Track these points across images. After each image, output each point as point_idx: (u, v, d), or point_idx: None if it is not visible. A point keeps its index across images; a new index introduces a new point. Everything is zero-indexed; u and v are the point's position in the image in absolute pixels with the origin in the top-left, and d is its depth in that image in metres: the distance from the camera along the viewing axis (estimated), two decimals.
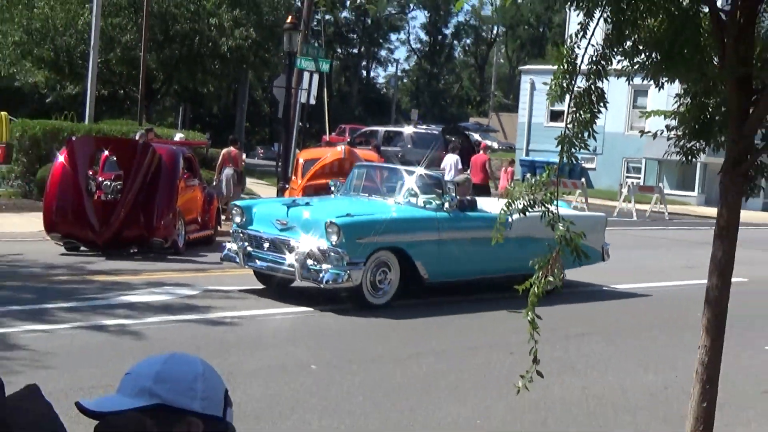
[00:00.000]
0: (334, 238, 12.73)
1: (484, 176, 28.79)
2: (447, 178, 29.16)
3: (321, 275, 12.80)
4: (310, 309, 12.93)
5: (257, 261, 13.78)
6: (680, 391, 9.34)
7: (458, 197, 14.56)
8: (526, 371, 5.39)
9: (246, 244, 13.86)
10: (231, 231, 14.53)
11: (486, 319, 13.26)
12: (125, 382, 2.46)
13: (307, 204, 14.14)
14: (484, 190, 26.36)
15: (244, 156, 26.67)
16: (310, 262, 12.94)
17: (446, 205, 14.19)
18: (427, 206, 14.27)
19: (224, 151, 24.53)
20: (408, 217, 13.98)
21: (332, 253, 12.79)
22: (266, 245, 13.69)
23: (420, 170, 15.23)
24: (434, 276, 13.98)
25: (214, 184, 23.22)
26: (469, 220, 14.41)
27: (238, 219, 14.10)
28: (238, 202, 14.85)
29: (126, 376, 2.47)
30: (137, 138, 20.14)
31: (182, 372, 2.45)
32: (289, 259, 13.10)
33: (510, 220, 14.67)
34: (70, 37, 40.38)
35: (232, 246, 14.09)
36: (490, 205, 15.19)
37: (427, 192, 14.58)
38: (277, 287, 13.98)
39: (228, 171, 23.63)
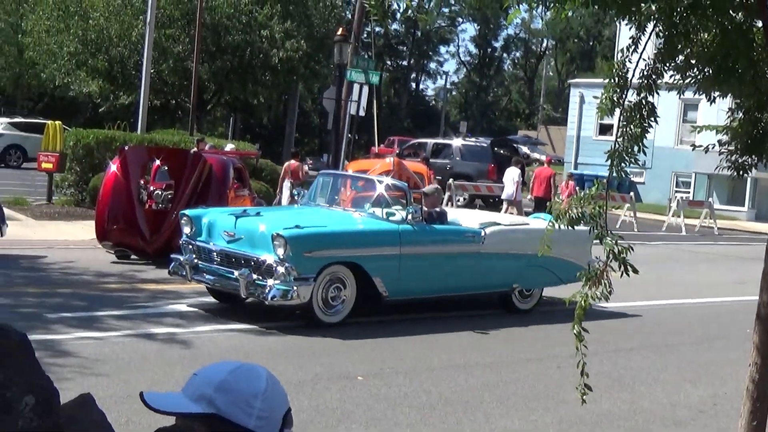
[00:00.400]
0: (280, 251, 11.82)
1: (547, 190, 28.74)
2: (508, 191, 29.31)
3: (266, 291, 11.89)
4: (364, 319, 12.93)
5: (205, 275, 12.84)
6: (729, 407, 9.26)
7: (426, 209, 13.70)
8: (578, 385, 5.38)
9: (194, 256, 12.96)
10: (180, 242, 13.52)
11: (534, 331, 13.21)
12: (191, 382, 2.48)
13: (258, 214, 13.19)
14: (544, 203, 26.27)
15: (306, 168, 26.77)
16: (255, 276, 12.04)
17: (409, 217, 13.05)
18: (390, 218, 13.25)
19: (285, 164, 24.90)
20: (365, 230, 13.04)
21: (279, 268, 11.87)
22: (214, 258, 12.75)
23: (387, 180, 14.40)
24: (395, 293, 12.92)
25: (276, 197, 23.56)
26: (435, 234, 13.52)
27: (187, 229, 13.22)
28: (187, 211, 13.77)
29: (193, 376, 2.50)
30: (227, 149, 20.61)
31: (245, 386, 2.45)
32: (236, 273, 12.15)
33: (483, 233, 13.64)
34: (124, 47, 40.84)
35: (180, 258, 13.16)
36: (465, 218, 14.77)
37: (392, 203, 13.57)
38: (233, 303, 13.26)
39: (287, 184, 23.88)
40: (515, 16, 5.42)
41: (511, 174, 29.42)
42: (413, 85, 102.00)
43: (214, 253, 12.73)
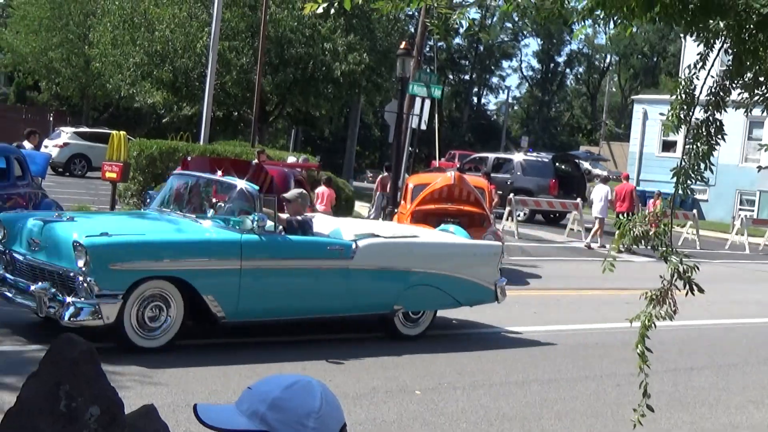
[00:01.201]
0: (81, 262, 10.03)
1: (630, 205, 28.62)
2: (598, 208, 29.17)
3: (64, 309, 10.08)
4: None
5: (6, 289, 11.01)
6: None
7: (288, 217, 12.15)
8: (638, 405, 5.32)
9: (2, 266, 11.30)
10: None
11: (594, 349, 13.10)
12: (244, 396, 2.47)
13: (70, 219, 11.17)
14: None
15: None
16: (54, 291, 10.27)
17: (255, 225, 11.03)
18: (235, 227, 11.24)
19: (379, 177, 25.38)
20: (193, 240, 10.99)
21: (79, 282, 10.11)
22: (18, 269, 11.05)
23: (240, 183, 12.02)
24: (234, 314, 10.95)
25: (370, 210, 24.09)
26: (291, 246, 11.50)
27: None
28: (1, 215, 11.97)
29: (246, 390, 2.49)
30: (314, 165, 21.24)
31: (298, 404, 2.42)
32: (32, 287, 10.38)
33: (354, 247, 11.91)
34: (188, 59, 41.26)
35: None
36: (347, 228, 12.96)
37: (241, 209, 11.62)
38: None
39: (378, 196, 24.47)
40: (581, 32, 5.40)
41: (601, 192, 29.43)
42: (475, 99, 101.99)
43: (18, 264, 11.02)
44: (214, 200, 12.34)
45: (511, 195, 31.17)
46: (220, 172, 18.14)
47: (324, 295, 11.76)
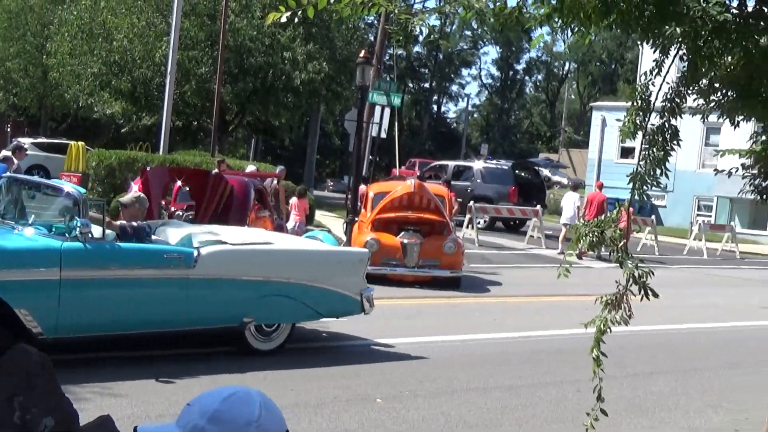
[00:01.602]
0: None
1: (598, 213, 28.78)
2: (567, 215, 29.33)
3: None
4: (377, 341, 12.91)
5: None
6: None
7: (124, 223, 11.33)
8: (592, 409, 5.35)
9: None
10: None
11: (557, 355, 13.15)
12: (184, 413, 2.44)
13: None
14: None
15: None
16: None
17: (77, 232, 10.02)
18: (58, 234, 10.24)
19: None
20: (3, 249, 9.70)
21: None
22: None
23: (66, 187, 11.08)
24: (53, 330, 9.86)
25: None
26: (121, 255, 10.46)
27: None
28: None
29: (186, 407, 2.45)
30: (278, 172, 21.19)
31: (237, 414, 2.39)
32: None
33: (195, 255, 10.89)
34: (147, 69, 41.08)
35: None
36: (195, 235, 11.63)
37: (65, 215, 10.46)
38: None
39: None
40: (539, 40, 5.42)
41: (571, 198, 29.67)
42: (435, 107, 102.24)
43: None
44: (37, 205, 11.27)
45: (471, 202, 31.26)
46: (179, 182, 18.15)
47: (161, 308, 10.79)
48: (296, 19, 5.56)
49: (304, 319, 12.23)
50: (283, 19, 5.52)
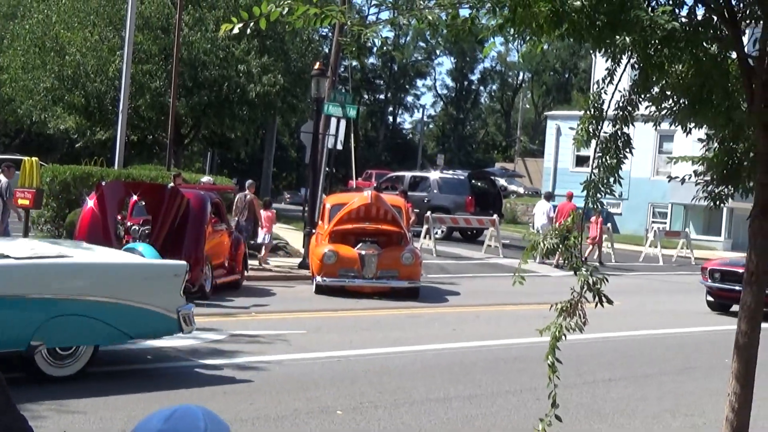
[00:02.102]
0: None
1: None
2: (538, 224, 29.46)
3: None
4: (337, 353, 12.91)
5: None
6: None
7: None
8: (545, 415, 5.38)
9: None
10: None
11: (517, 363, 13.19)
12: None
13: None
14: None
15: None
16: None
17: None
18: None
19: None
20: None
21: None
22: None
23: None
24: None
25: None
26: None
27: None
28: None
29: None
30: (203, 181, 21.18)
31: (183, 431, 2.38)
32: None
33: None
34: (100, 83, 40.78)
35: None
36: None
37: None
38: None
39: None
40: (491, 49, 5.46)
41: (543, 207, 29.90)
42: (390, 118, 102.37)
43: None
44: None
45: (429, 213, 31.32)
46: (135, 197, 18.07)
47: None
48: (249, 31, 5.57)
49: (107, 342, 10.88)
50: (236, 31, 5.52)
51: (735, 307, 16.05)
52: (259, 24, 5.47)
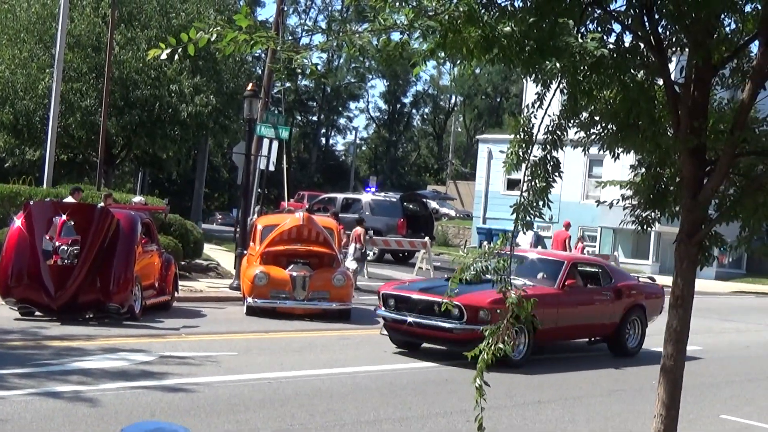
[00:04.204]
0: None
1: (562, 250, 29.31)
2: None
3: None
4: (268, 375, 12.85)
5: None
6: None
7: None
8: None
9: None
10: None
11: (446, 385, 13.22)
12: None
13: None
14: None
15: (365, 233, 28.11)
16: None
17: None
18: None
19: (354, 230, 26.88)
20: None
21: None
22: None
23: None
24: None
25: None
26: None
27: None
28: None
29: None
30: (135, 201, 21.33)
31: None
32: None
33: None
34: (30, 101, 40.25)
35: None
36: None
37: None
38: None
39: (353, 246, 26.11)
40: (420, 70, 5.49)
41: (526, 237, 30.02)
42: (323, 140, 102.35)
43: None
44: None
45: (358, 228, 31.29)
46: (64, 216, 17.83)
47: None
48: (177, 57, 5.56)
49: None
50: (163, 57, 5.51)
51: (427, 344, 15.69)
52: (188, 50, 5.46)
